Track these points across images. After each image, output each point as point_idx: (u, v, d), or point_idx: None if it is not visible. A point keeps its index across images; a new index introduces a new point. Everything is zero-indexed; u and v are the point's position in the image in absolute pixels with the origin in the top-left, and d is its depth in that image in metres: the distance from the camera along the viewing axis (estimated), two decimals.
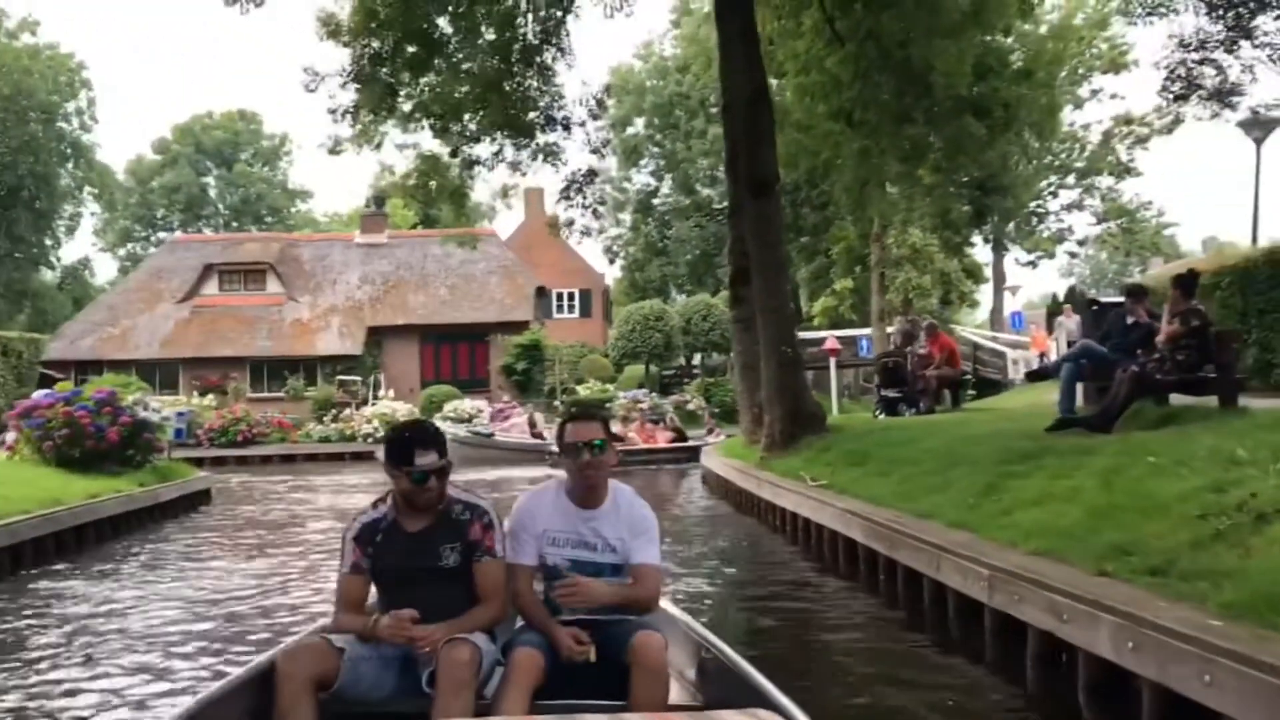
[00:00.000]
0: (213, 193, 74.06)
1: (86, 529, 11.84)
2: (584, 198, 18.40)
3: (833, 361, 24.33)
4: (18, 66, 50.50)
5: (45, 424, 14.51)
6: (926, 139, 17.28)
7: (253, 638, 6.93)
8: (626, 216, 51.86)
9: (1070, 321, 24.85)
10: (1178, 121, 37.32)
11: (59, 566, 10.28)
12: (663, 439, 24.68)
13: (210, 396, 33.71)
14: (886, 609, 7.60)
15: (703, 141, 45.47)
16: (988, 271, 38.63)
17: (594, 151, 18.34)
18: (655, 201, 51.04)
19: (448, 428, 28.17)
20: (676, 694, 3.82)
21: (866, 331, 33.41)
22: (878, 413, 16.92)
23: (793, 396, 14.21)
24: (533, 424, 28.67)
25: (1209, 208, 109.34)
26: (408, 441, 3.73)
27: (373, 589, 3.87)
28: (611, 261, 54.02)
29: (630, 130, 49.50)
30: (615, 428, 25.69)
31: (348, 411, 32.26)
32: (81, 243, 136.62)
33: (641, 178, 51.07)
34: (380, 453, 4.53)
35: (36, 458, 14.56)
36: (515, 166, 18.65)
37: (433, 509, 3.75)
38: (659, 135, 48.52)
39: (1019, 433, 10.59)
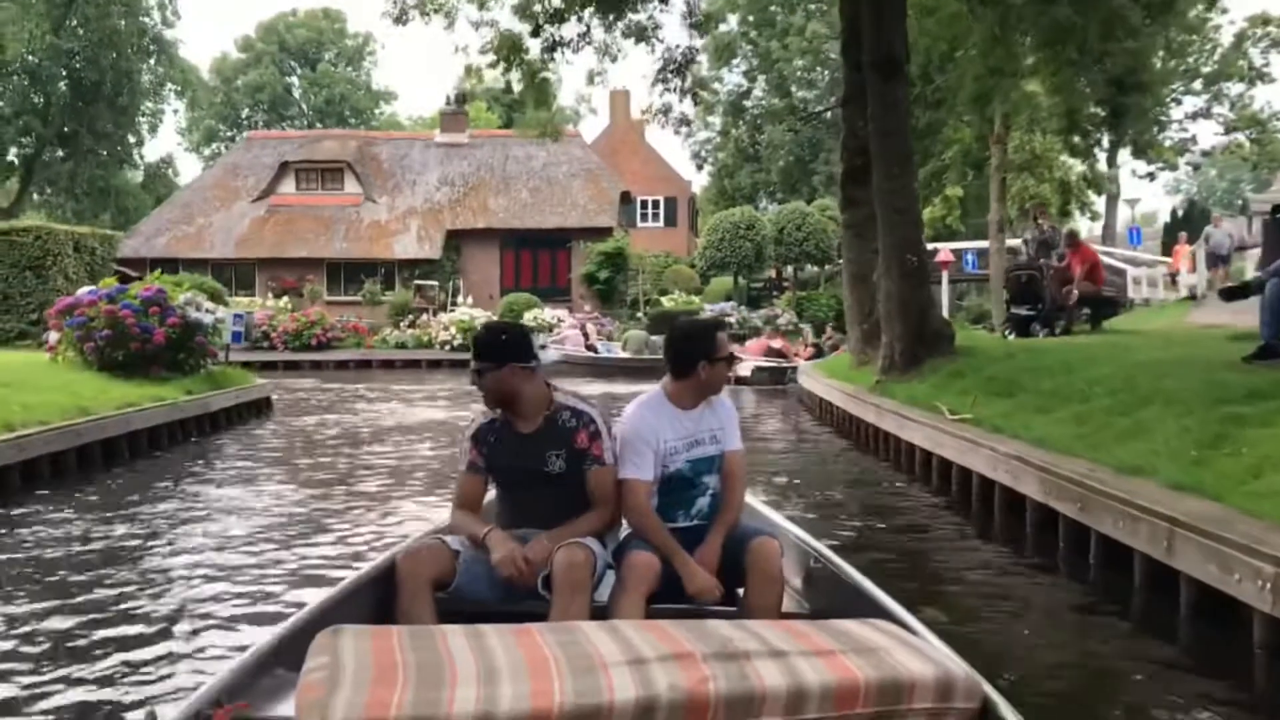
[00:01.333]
0: (296, 93, 73.17)
1: (118, 442, 10.55)
2: (683, 81, 16.44)
3: (944, 275, 22.29)
4: None
5: (87, 323, 13.27)
6: (1072, 20, 14.98)
7: (272, 601, 5.47)
8: (716, 119, 49.47)
9: (1220, 232, 22.48)
10: None
11: (76, 490, 8.96)
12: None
13: (286, 298, 32.69)
14: (1071, 588, 5.89)
15: (800, 39, 42.76)
16: (1125, 178, 35.83)
17: (694, 27, 16.25)
18: (747, 104, 48.50)
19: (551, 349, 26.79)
20: (786, 602, 3.79)
21: (974, 244, 31.08)
22: (1007, 333, 14.98)
23: (917, 311, 12.35)
24: (585, 334, 26.98)
25: None
26: (480, 337, 3.84)
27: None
28: (699, 168, 51.91)
29: (723, 27, 46.79)
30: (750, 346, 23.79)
31: (425, 317, 31.02)
32: (166, 141, 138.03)
33: (733, 78, 48.54)
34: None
35: (78, 360, 13.37)
36: (604, 51, 16.79)
37: (525, 405, 3.77)
38: (753, 33, 45.79)
39: (1210, 361, 8.72)
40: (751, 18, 45.03)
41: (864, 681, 2.32)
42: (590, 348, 26.00)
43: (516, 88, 16.83)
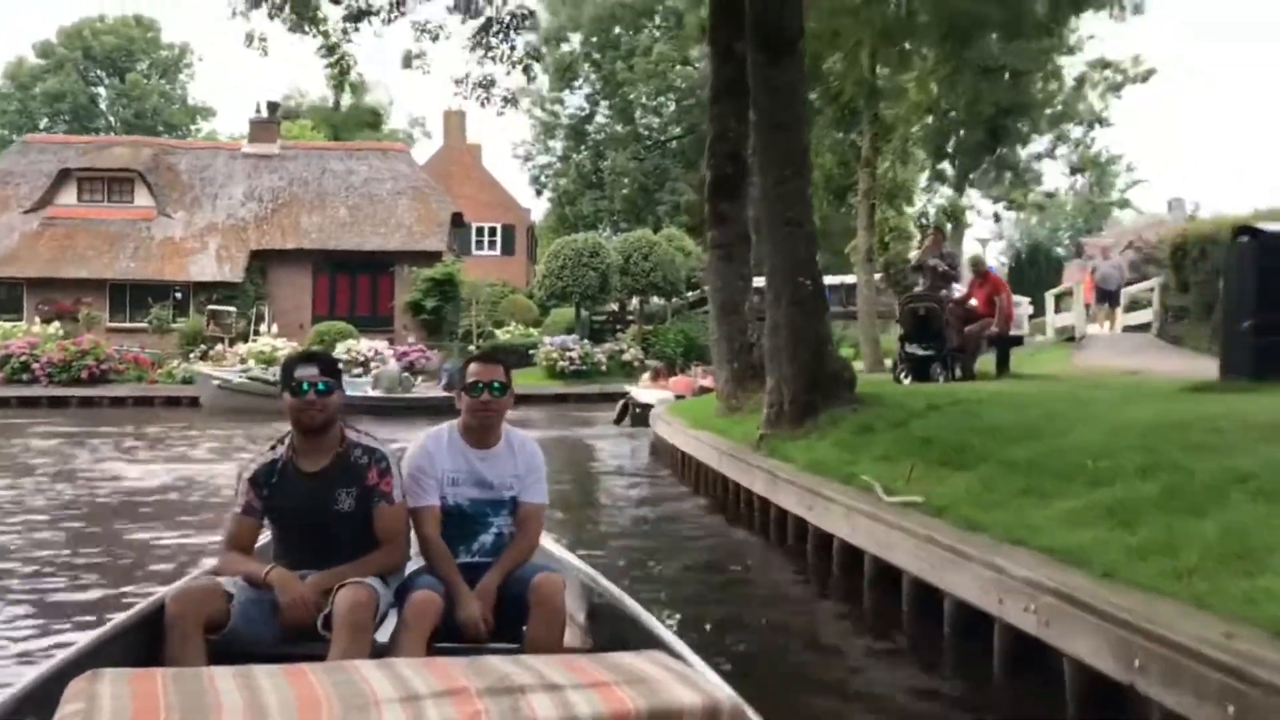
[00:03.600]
0: (103, 104, 67.31)
1: None
2: (510, 47, 13.49)
3: None
4: None
5: None
6: (978, 11, 12.82)
7: None
8: (557, 144, 46.77)
9: (1108, 264, 20.88)
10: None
11: None
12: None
13: (57, 324, 28.19)
14: None
15: (646, 60, 40.49)
16: (970, 216, 34.60)
17: None
18: (589, 128, 45.97)
19: (217, 371, 23.90)
20: (568, 637, 3.82)
21: (836, 279, 29.05)
22: (902, 375, 12.55)
23: (812, 348, 9.69)
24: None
25: (1170, 166, 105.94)
26: (291, 362, 3.75)
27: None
28: (539, 193, 49.10)
29: (564, 47, 44.30)
30: (647, 380, 21.78)
31: (219, 348, 27.12)
32: None
33: (575, 100, 45.95)
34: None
35: None
36: (422, 28, 13.75)
37: (334, 448, 3.71)
38: (596, 54, 43.38)
39: (1234, 423, 6.30)
40: (595, 38, 42.58)
41: (634, 711, 2.36)
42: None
43: (325, 76, 13.61)
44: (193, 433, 18.25)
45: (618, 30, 43.02)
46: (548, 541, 4.56)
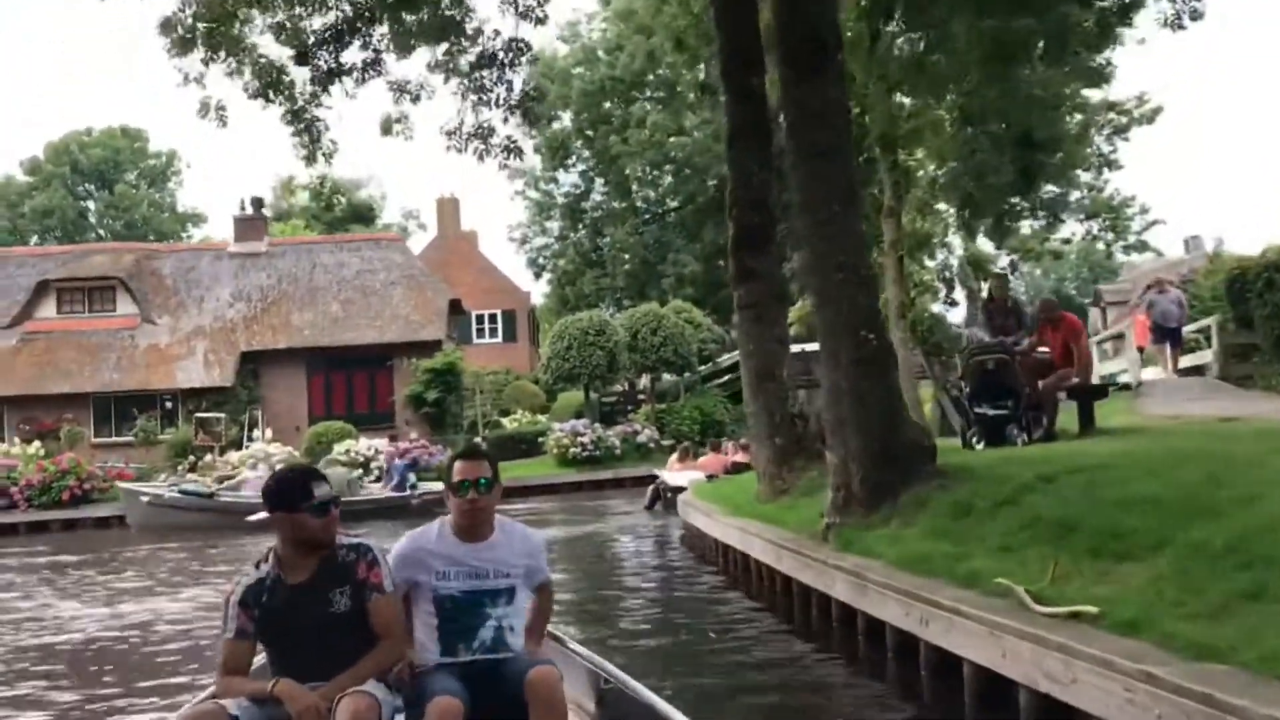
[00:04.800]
0: (93, 217, 66.56)
1: None
2: (507, 87, 12.01)
3: None
4: None
5: None
6: (1022, 29, 11.41)
7: None
8: (554, 224, 45.64)
9: (1166, 299, 19.26)
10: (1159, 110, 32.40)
11: None
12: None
13: (39, 444, 26.57)
14: None
15: (640, 131, 39.41)
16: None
17: (522, 15, 11.73)
18: (586, 205, 44.86)
19: (138, 487, 22.11)
20: None
21: None
22: (974, 440, 10.87)
23: (881, 416, 8.08)
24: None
25: (1186, 206, 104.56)
26: (299, 477, 3.79)
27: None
28: (538, 276, 47.85)
29: (555, 125, 43.35)
30: (675, 461, 20.42)
31: (209, 457, 25.45)
32: None
33: (570, 178, 44.91)
34: None
35: None
36: (401, 89, 12.33)
37: (320, 555, 3.69)
38: (589, 130, 42.40)
39: None
40: (585, 114, 41.60)
41: None
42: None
43: (293, 147, 12.14)
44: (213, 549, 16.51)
45: (608, 105, 42.10)
46: (551, 629, 4.43)
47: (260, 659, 3.81)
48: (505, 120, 12.04)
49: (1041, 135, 17.35)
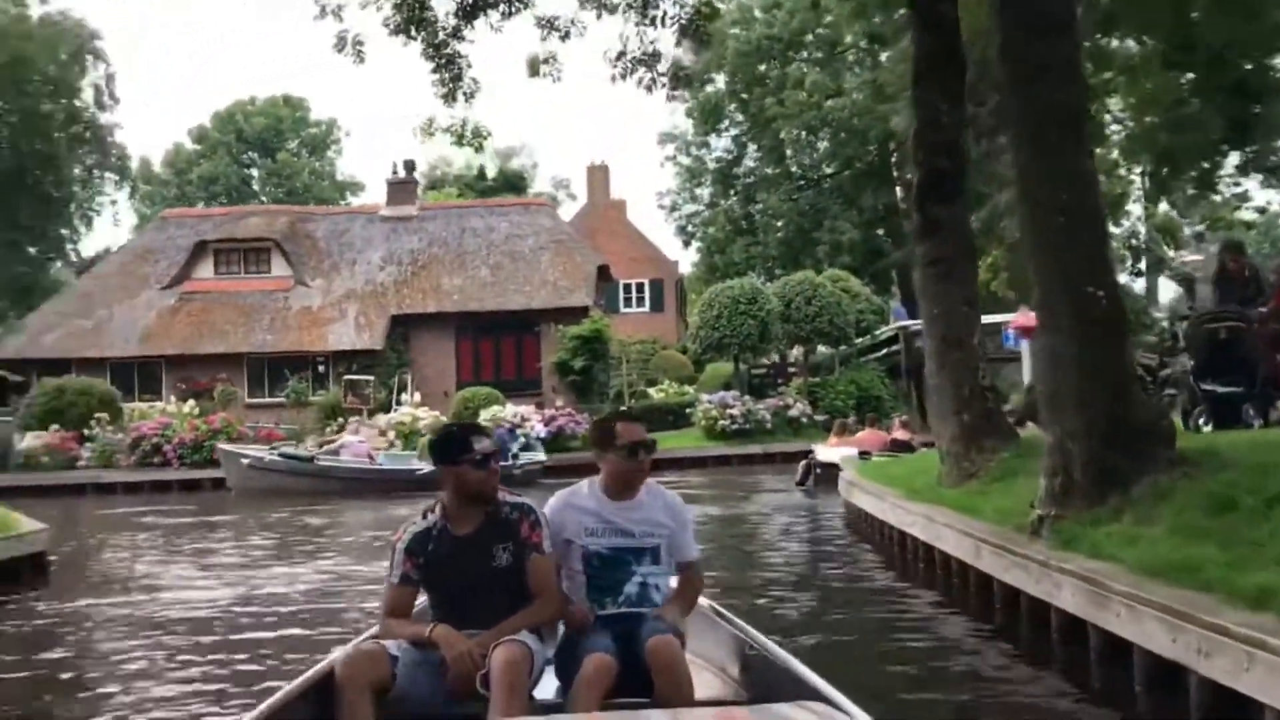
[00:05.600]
0: (256, 184, 68.37)
1: None
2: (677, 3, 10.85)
3: (1025, 346, 16.79)
4: (16, 31, 44.51)
5: None
6: None
7: None
8: (704, 191, 44.43)
9: None
10: None
11: None
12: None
13: (193, 403, 26.89)
14: None
15: (797, 93, 37.77)
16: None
17: None
18: (738, 171, 43.51)
19: (238, 449, 21.69)
20: (719, 689, 3.96)
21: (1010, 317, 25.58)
22: (1200, 421, 9.33)
23: (1111, 389, 6.73)
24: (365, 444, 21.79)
25: None
26: (460, 433, 3.91)
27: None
28: (686, 244, 46.77)
29: (709, 89, 42.11)
30: (834, 439, 19.35)
31: (356, 420, 25.26)
32: (113, 236, 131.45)
33: (721, 143, 43.61)
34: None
35: None
36: (549, 25, 11.36)
37: (484, 509, 3.82)
38: (742, 93, 40.95)
39: None
40: (739, 74, 40.14)
41: None
42: (369, 458, 21.01)
43: (434, 85, 11.32)
44: (354, 515, 16.12)
45: (763, 66, 40.56)
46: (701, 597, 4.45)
47: (422, 602, 3.96)
48: (678, 43, 10.94)
49: (1257, 84, 15.24)
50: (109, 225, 71.05)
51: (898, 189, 42.06)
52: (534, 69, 11.43)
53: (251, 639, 7.58)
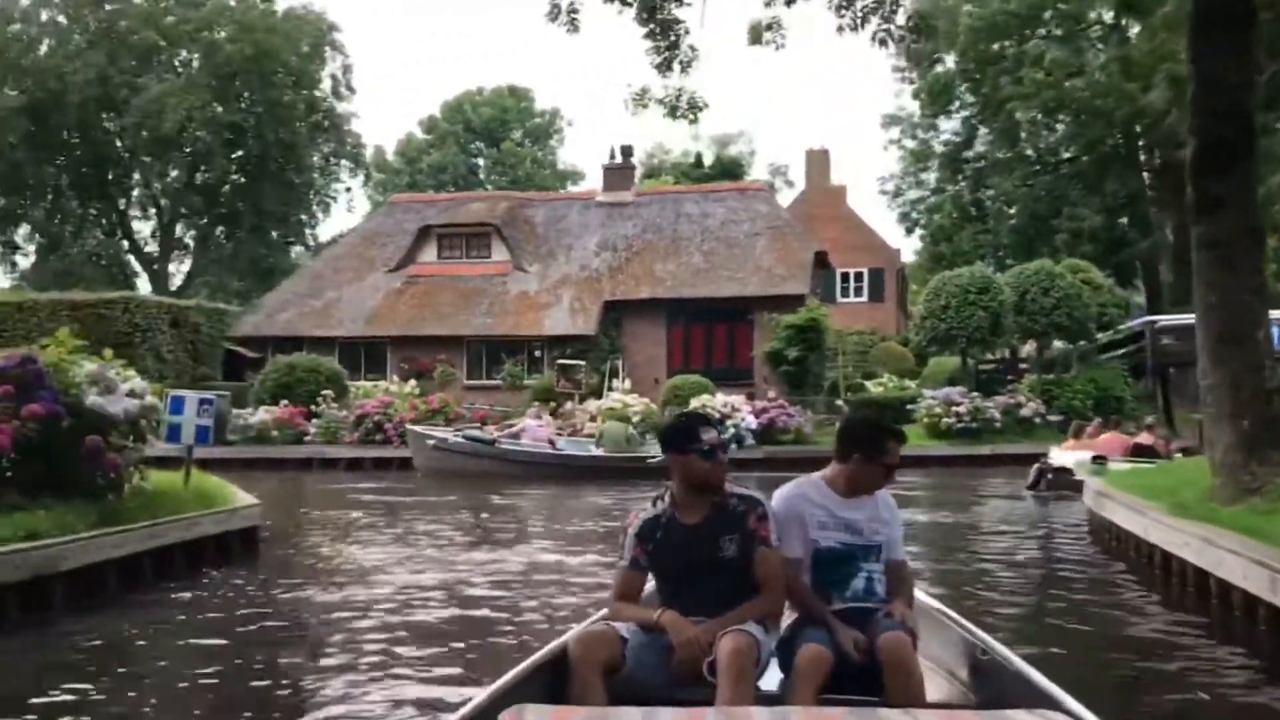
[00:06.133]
0: (481, 173, 70.36)
1: None
2: None
3: None
4: (261, 25, 47.03)
5: None
6: None
7: None
8: (930, 176, 42.50)
9: None
10: None
11: None
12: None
13: (414, 383, 27.49)
14: None
15: (1035, 71, 35.45)
16: None
17: None
18: (967, 155, 41.38)
19: (426, 430, 21.57)
20: (948, 693, 3.93)
21: None
22: None
23: None
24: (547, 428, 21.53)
25: None
26: (689, 423, 4.01)
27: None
28: (909, 231, 44.95)
29: (938, 69, 40.18)
30: (1069, 442, 18.02)
31: (569, 405, 25.18)
32: (346, 221, 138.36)
33: (950, 125, 41.56)
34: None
35: None
36: None
37: (711, 499, 3.88)
38: (975, 73, 38.86)
39: None
40: (971, 54, 38.07)
41: None
42: (550, 443, 20.69)
43: (647, 54, 10.72)
44: (565, 502, 15.91)
45: (998, 45, 38.33)
46: (921, 595, 4.50)
47: (651, 587, 4.03)
48: None
49: None
50: (344, 211, 74.46)
51: (1145, 174, 39.05)
52: (755, 36, 10.65)
53: (463, 621, 7.41)
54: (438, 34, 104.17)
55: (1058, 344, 28.15)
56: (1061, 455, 16.86)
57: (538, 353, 29.60)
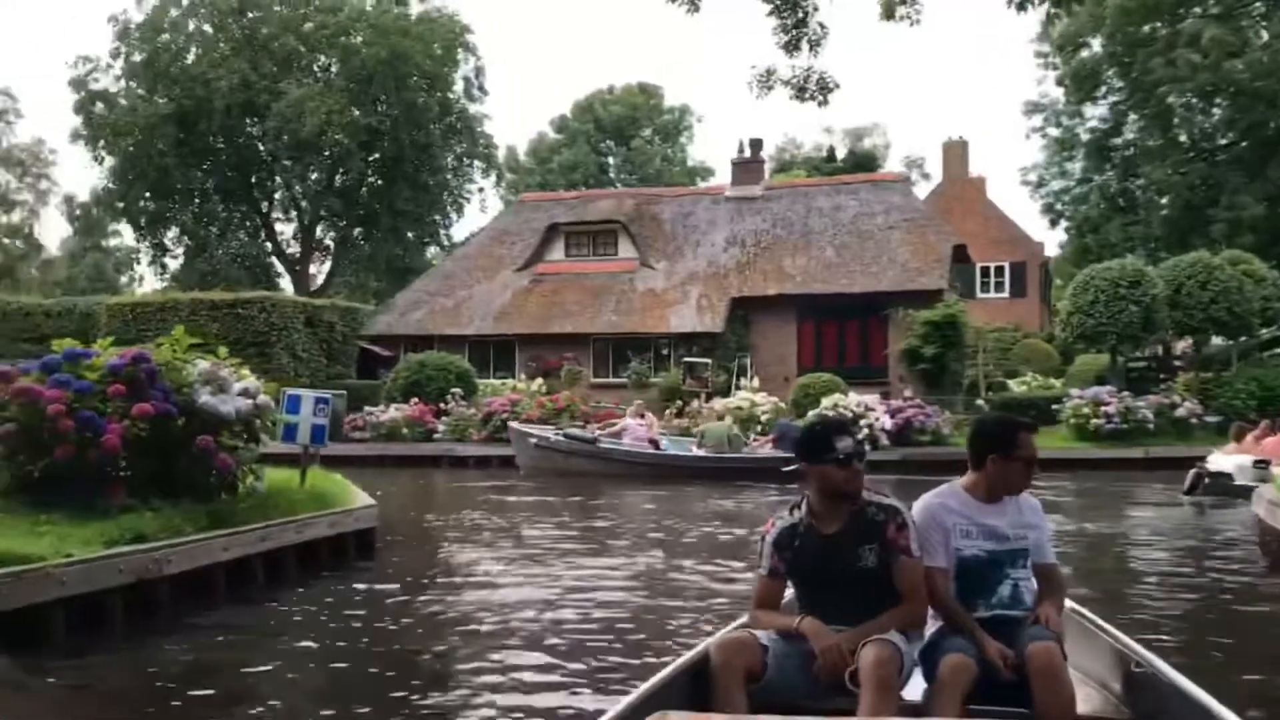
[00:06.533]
0: (611, 171, 70.55)
1: None
2: None
3: None
4: (396, 28, 47.82)
5: None
6: None
7: None
8: (1075, 165, 40.61)
9: None
10: None
11: None
12: None
13: (542, 381, 27.43)
14: None
15: (1190, 52, 33.44)
16: None
17: None
18: (1116, 142, 39.40)
19: (528, 429, 21.36)
20: (1100, 705, 3.83)
21: None
22: None
23: None
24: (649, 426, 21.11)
25: None
26: (823, 431, 3.95)
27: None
28: (1053, 224, 43.05)
29: (1084, 54, 38.32)
30: (1231, 445, 16.75)
31: (695, 404, 24.69)
32: (480, 221, 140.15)
33: (1097, 112, 39.64)
34: None
35: None
36: None
37: (848, 508, 3.84)
38: (1124, 56, 36.91)
39: None
40: (1121, 36, 36.17)
41: None
42: (652, 443, 20.22)
43: (779, 41, 10.16)
44: (689, 503, 15.48)
45: (1148, 27, 36.35)
46: (1069, 603, 4.32)
47: (790, 594, 4.02)
48: None
49: None
50: (477, 211, 75.48)
51: None
52: (889, 11, 9.96)
53: (584, 628, 7.10)
54: (569, 32, 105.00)
55: (1216, 340, 26.41)
56: (1221, 459, 15.71)
57: (664, 351, 29.19)
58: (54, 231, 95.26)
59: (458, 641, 6.90)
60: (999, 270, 43.10)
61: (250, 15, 48.93)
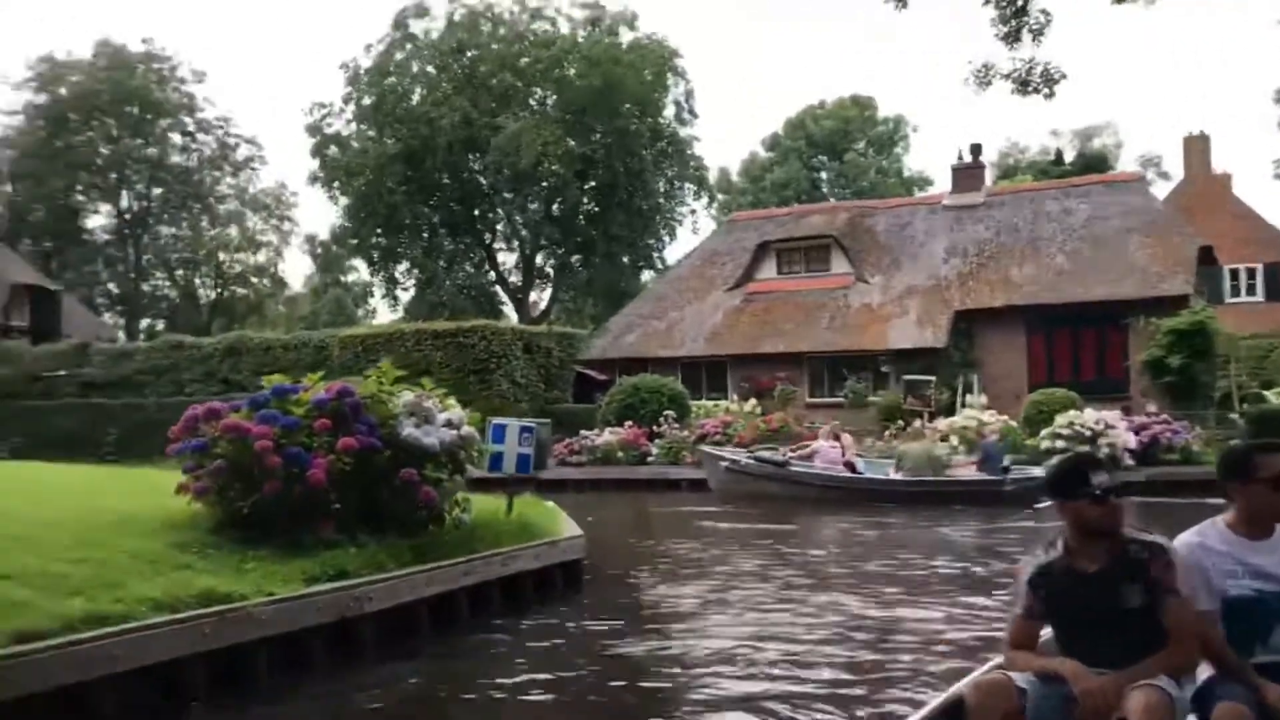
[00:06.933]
0: (824, 187, 69.45)
1: None
2: None
3: None
4: (607, 58, 48.54)
5: (205, 450, 8.00)
6: None
7: None
8: None
9: None
10: None
11: None
12: None
13: (754, 402, 26.94)
14: None
15: None
16: None
17: None
18: None
19: (718, 451, 21.02)
20: None
21: None
22: None
23: None
24: (843, 449, 20.06)
25: None
26: (1078, 467, 3.80)
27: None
28: None
29: None
30: None
31: (917, 423, 23.59)
32: (691, 243, 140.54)
33: None
34: None
35: (211, 508, 8.09)
36: None
37: (1108, 545, 3.69)
38: None
39: None
40: None
41: None
42: (848, 465, 19.31)
43: (998, 33, 9.42)
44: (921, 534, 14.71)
45: None
46: None
47: (1047, 634, 3.84)
48: None
49: None
50: (689, 234, 75.57)
51: None
52: None
53: (802, 670, 6.75)
54: (779, 51, 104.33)
55: None
56: None
57: (884, 368, 28.14)
58: (298, 269, 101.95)
59: (668, 685, 6.59)
60: (1250, 272, 39.89)
61: (469, 54, 50.76)
